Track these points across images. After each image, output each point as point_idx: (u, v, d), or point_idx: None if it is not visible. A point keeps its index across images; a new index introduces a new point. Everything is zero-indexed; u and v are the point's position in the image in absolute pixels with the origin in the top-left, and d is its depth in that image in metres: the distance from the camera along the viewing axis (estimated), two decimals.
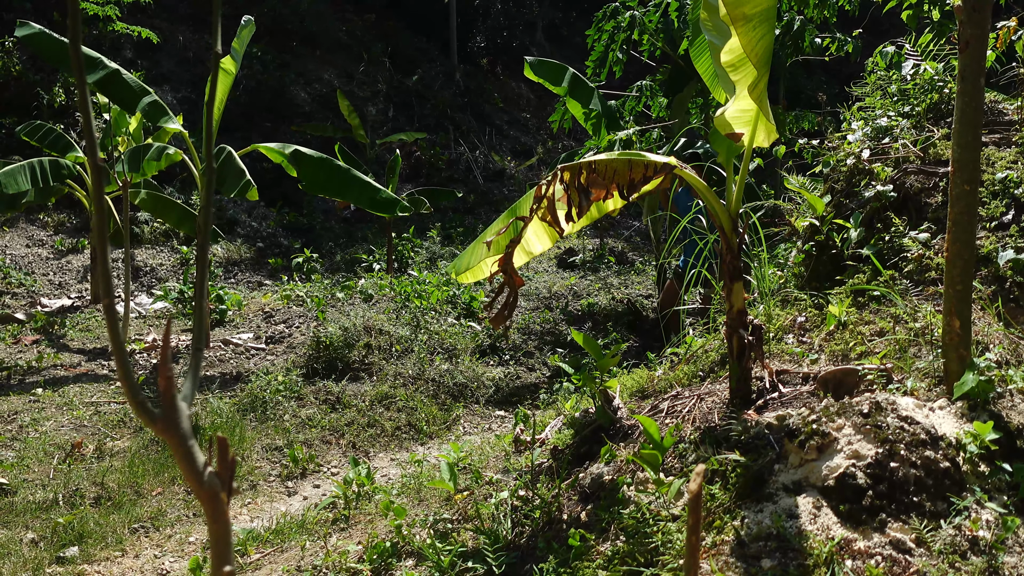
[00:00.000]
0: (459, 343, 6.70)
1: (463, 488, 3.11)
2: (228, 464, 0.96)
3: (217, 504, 0.93)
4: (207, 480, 0.92)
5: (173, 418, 0.92)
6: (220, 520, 0.94)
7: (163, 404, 0.92)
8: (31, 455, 4.31)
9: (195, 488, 0.93)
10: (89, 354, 6.43)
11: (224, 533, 0.95)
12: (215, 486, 0.92)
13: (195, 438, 3.26)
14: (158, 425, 0.92)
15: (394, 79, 15.96)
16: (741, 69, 2.57)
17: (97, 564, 3.45)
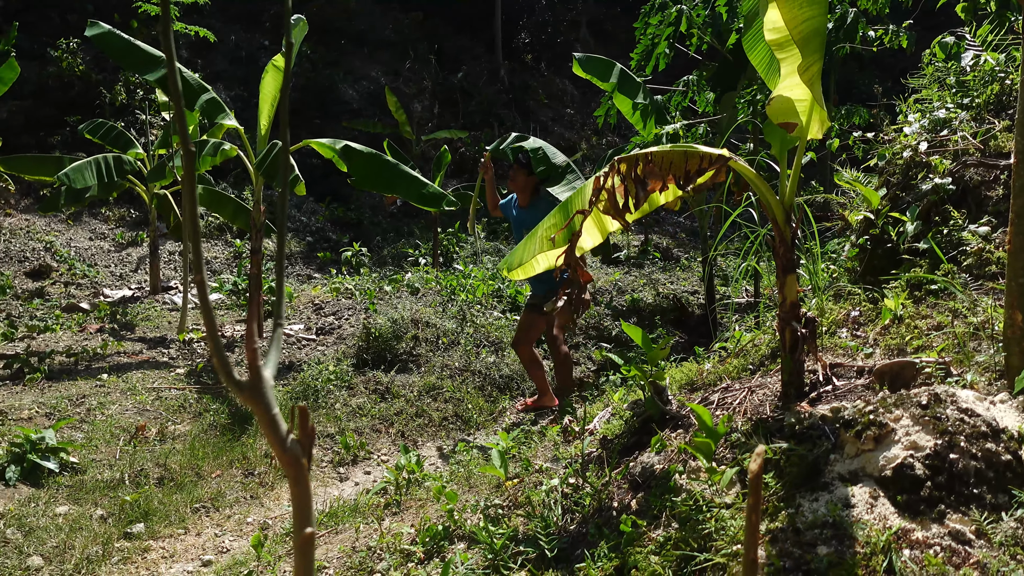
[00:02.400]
0: (505, 336, 6.75)
1: (513, 476, 3.16)
2: (308, 432, 1.02)
3: (299, 469, 0.99)
4: (290, 446, 0.98)
5: (259, 388, 0.98)
6: (301, 484, 1.00)
7: (249, 375, 0.99)
8: (99, 437, 4.50)
9: (278, 453, 0.99)
10: (149, 342, 6.66)
11: (305, 496, 1.01)
12: (297, 452, 0.98)
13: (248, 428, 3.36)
14: (245, 394, 0.98)
15: (440, 76, 16.10)
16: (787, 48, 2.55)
17: (162, 540, 3.59)
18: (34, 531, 3.48)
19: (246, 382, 0.98)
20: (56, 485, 3.94)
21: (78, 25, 11.77)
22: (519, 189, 5.42)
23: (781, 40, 2.54)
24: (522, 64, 17.94)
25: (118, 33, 6.21)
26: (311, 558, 1.03)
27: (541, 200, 5.41)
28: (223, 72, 13.15)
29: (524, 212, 5.44)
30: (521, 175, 5.43)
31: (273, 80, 6.50)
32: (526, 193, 5.42)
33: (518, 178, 5.41)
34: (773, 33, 2.51)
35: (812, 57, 2.39)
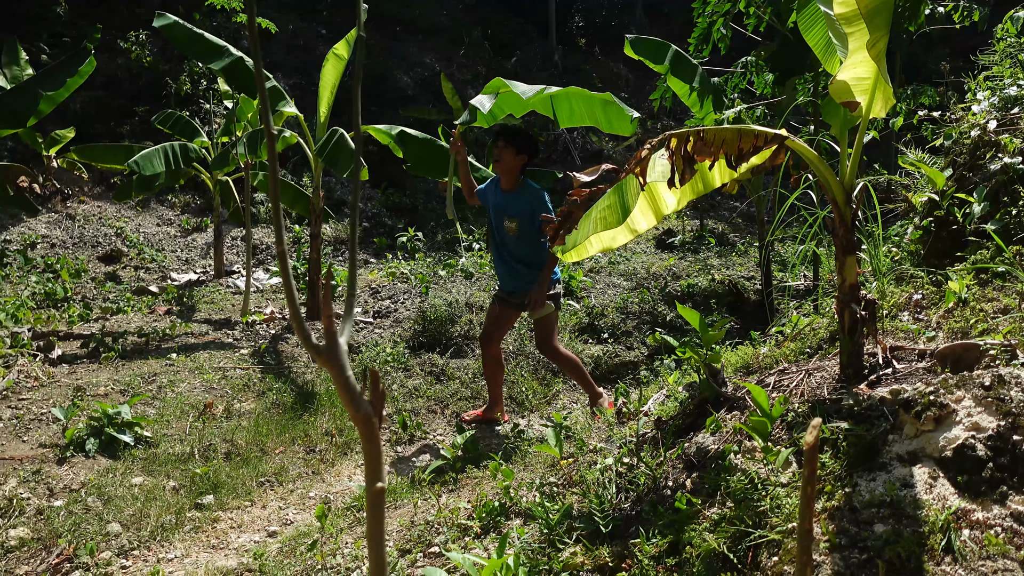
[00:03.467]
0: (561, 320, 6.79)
1: (567, 455, 3.20)
2: (379, 394, 1.08)
3: (370, 427, 1.05)
4: (362, 407, 1.04)
5: (334, 351, 1.04)
6: (373, 441, 1.06)
7: (325, 339, 1.05)
8: (169, 412, 4.71)
9: (352, 413, 1.05)
10: (214, 324, 6.91)
11: (376, 453, 1.07)
12: (368, 412, 1.05)
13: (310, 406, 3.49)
14: (322, 357, 1.05)
15: (493, 61, 16.12)
16: (854, 23, 2.51)
17: (230, 512, 3.76)
18: (112, 500, 3.68)
19: (323, 346, 1.04)
20: (131, 457, 4.15)
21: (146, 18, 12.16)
22: (504, 170, 4.59)
23: (848, 14, 2.50)
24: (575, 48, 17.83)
25: (184, 24, 6.41)
26: (382, 511, 1.09)
27: (525, 189, 4.60)
28: (282, 61, 13.43)
29: (506, 198, 4.61)
30: (508, 153, 4.54)
31: (333, 68, 6.63)
32: (512, 175, 4.59)
33: (504, 156, 4.54)
34: (841, 6, 2.47)
35: (878, 32, 2.35)
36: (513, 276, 4.70)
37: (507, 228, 4.64)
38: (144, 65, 11.84)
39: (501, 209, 4.67)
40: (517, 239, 4.64)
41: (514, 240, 4.65)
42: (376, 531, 1.10)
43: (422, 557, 2.81)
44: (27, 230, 9.37)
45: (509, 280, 4.72)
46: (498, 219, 4.70)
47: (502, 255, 4.76)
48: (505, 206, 4.65)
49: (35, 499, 3.65)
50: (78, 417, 4.37)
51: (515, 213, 4.60)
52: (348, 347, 3.83)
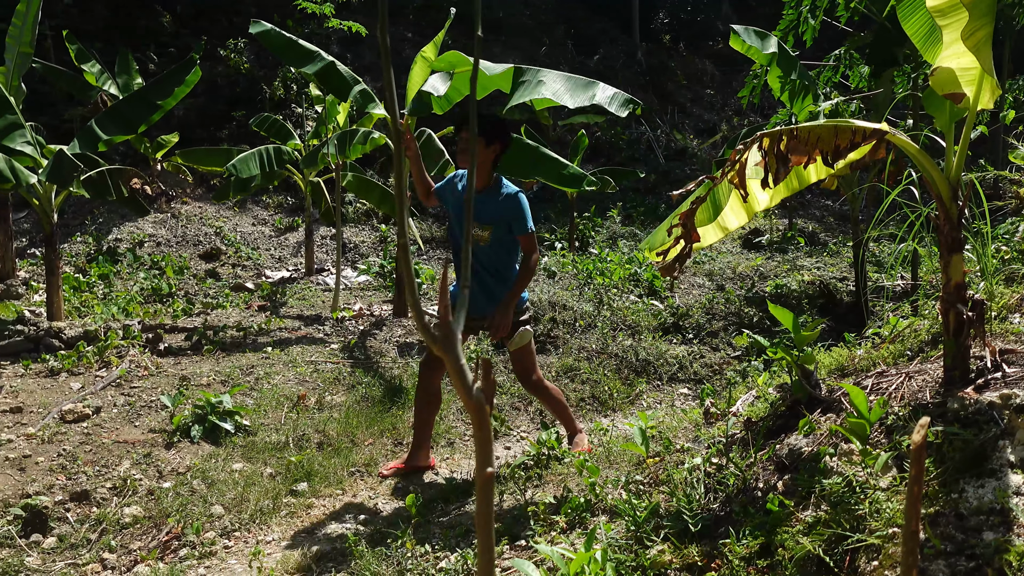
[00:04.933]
0: (642, 320, 6.74)
1: (654, 454, 3.19)
2: (491, 383, 1.12)
3: (482, 414, 1.09)
4: (475, 394, 1.08)
5: (449, 339, 1.09)
6: (484, 428, 1.10)
7: (441, 328, 1.10)
8: (265, 403, 4.93)
9: (465, 399, 1.09)
10: (306, 320, 7.17)
11: (487, 439, 1.11)
12: (480, 399, 1.08)
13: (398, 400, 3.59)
14: (437, 345, 1.09)
15: (575, 60, 16.09)
16: (953, 12, 2.40)
17: (322, 499, 3.91)
18: (215, 483, 3.89)
19: (439, 334, 1.09)
20: (232, 444, 4.36)
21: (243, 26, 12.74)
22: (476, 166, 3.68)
23: (944, 6, 2.40)
24: (660, 45, 17.60)
25: (278, 30, 6.68)
26: (491, 494, 1.13)
27: (502, 194, 3.80)
28: (370, 65, 13.79)
29: (477, 200, 3.80)
30: (480, 145, 3.71)
31: (421, 70, 6.76)
32: (482, 172, 3.81)
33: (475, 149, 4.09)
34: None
35: (981, 21, 2.24)
36: (481, 293, 3.92)
37: (476, 236, 3.84)
38: (241, 72, 12.39)
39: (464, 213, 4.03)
40: (489, 249, 3.86)
41: (485, 250, 3.86)
42: (484, 513, 1.14)
43: (508, 549, 2.86)
44: (136, 229, 9.96)
45: (479, 300, 3.92)
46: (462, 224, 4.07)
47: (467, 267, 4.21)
48: (475, 210, 3.81)
49: (146, 480, 3.89)
50: (184, 405, 4.63)
51: (488, 218, 3.80)
52: None
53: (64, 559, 3.28)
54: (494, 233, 3.83)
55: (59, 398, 4.74)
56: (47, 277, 6.31)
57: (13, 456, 3.92)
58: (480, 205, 3.80)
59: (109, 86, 10.03)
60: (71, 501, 3.62)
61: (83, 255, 9.13)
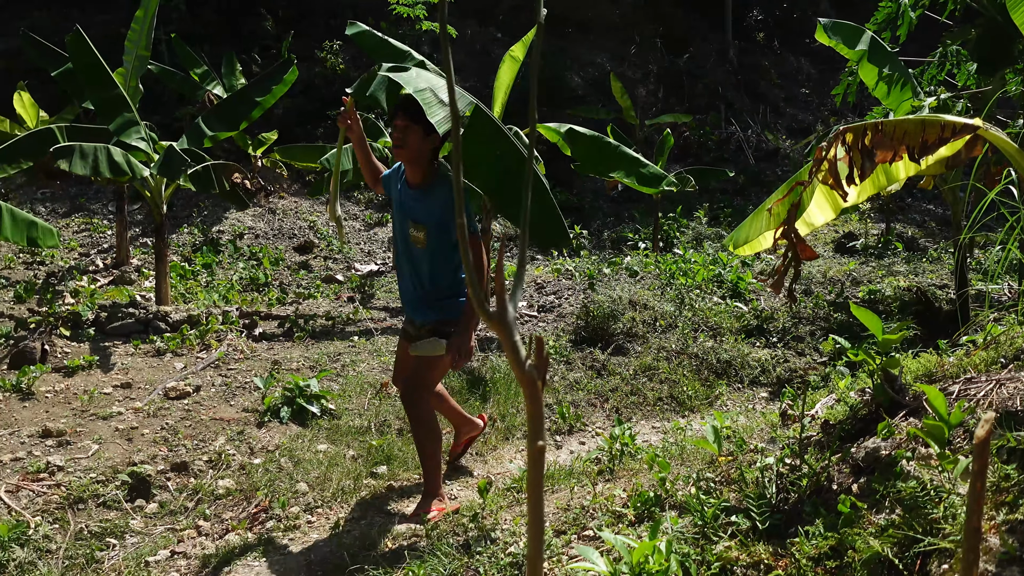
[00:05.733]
0: (724, 322, 6.64)
1: (727, 453, 3.16)
2: (543, 359, 1.17)
3: (534, 389, 1.14)
4: (528, 369, 1.14)
5: (504, 316, 1.15)
6: (536, 402, 1.16)
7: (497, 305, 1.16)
8: (350, 389, 5.13)
9: (518, 374, 1.16)
10: (391, 311, 7.40)
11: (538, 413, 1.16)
12: (533, 374, 1.14)
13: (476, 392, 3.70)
14: (493, 322, 1.16)
15: (665, 59, 15.91)
16: None
17: (400, 482, 4.05)
18: (301, 462, 4.09)
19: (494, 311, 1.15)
20: (317, 426, 4.58)
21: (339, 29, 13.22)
22: (408, 158, 3.38)
23: None
24: (753, 43, 17.17)
25: (372, 31, 6.93)
26: (541, 467, 1.18)
27: (439, 184, 3.40)
28: (460, 65, 14.06)
29: (413, 197, 3.44)
30: (414, 134, 3.34)
31: (509, 69, 6.88)
32: (419, 166, 3.40)
33: (408, 139, 3.33)
34: None
35: None
36: (421, 301, 3.55)
37: (412, 237, 3.43)
38: (337, 72, 12.86)
39: (407, 210, 3.46)
40: (425, 253, 3.43)
41: (421, 254, 3.44)
42: (535, 485, 1.20)
43: (576, 539, 2.90)
44: (237, 222, 10.51)
45: (417, 305, 3.57)
46: (402, 223, 3.50)
47: (403, 271, 3.59)
48: (410, 207, 3.44)
49: (239, 456, 4.13)
50: (275, 387, 4.88)
51: (423, 217, 3.38)
52: None
53: (164, 524, 3.53)
54: (429, 236, 3.38)
55: (164, 376, 5.08)
56: (157, 264, 6.75)
57: (122, 427, 4.24)
58: (415, 202, 3.42)
59: (215, 86, 10.61)
60: (171, 471, 3.89)
61: (189, 245, 9.70)
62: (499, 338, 1.15)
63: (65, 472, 3.72)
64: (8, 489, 3.52)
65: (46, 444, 4.00)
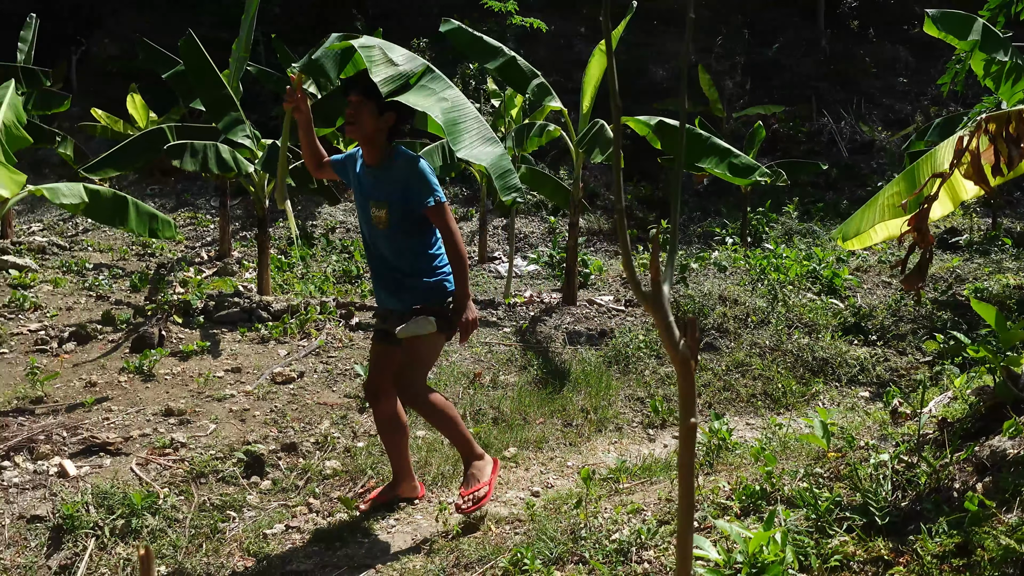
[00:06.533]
0: (819, 319, 6.47)
1: (835, 448, 3.11)
2: (695, 339, 1.20)
3: (687, 368, 1.18)
4: (681, 348, 1.17)
5: (658, 297, 1.19)
6: (688, 381, 1.19)
7: (651, 287, 1.20)
8: (444, 378, 5.26)
9: (671, 353, 1.19)
10: (480, 304, 7.52)
11: (690, 392, 1.20)
12: (686, 354, 1.17)
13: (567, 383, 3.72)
14: (648, 303, 1.19)
15: (753, 50, 15.53)
16: None
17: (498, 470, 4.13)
18: None
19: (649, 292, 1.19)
20: (415, 414, 4.70)
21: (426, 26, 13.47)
22: (362, 137, 3.23)
23: None
24: (846, 31, 16.55)
25: (465, 28, 7.05)
26: (693, 444, 1.22)
27: (397, 164, 3.25)
28: (543, 60, 14.08)
29: (370, 176, 3.30)
30: (366, 113, 3.22)
31: (598, 63, 6.88)
32: (374, 145, 3.25)
33: (361, 117, 3.21)
34: None
35: None
36: (395, 285, 3.35)
37: (374, 218, 3.28)
38: None
39: (365, 191, 3.33)
40: (388, 235, 3.28)
41: (384, 236, 3.30)
42: (687, 462, 1.23)
43: None
44: (329, 217, 10.86)
45: (392, 291, 3.36)
46: (363, 205, 3.35)
47: (372, 257, 3.42)
48: (369, 187, 3.30)
49: (343, 438, 4.30)
50: None
51: (382, 196, 3.25)
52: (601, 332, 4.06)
53: (277, 500, 3.72)
54: (391, 215, 3.24)
55: (269, 362, 5.33)
56: (259, 256, 7.07)
57: (236, 408, 4.48)
58: (373, 181, 3.29)
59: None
60: (282, 451, 4.09)
61: (285, 238, 10.09)
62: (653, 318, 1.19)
63: (187, 448, 3.97)
64: (139, 462, 3.78)
65: (169, 422, 4.27)
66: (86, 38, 14.79)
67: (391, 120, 3.28)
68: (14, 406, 4.44)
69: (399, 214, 3.24)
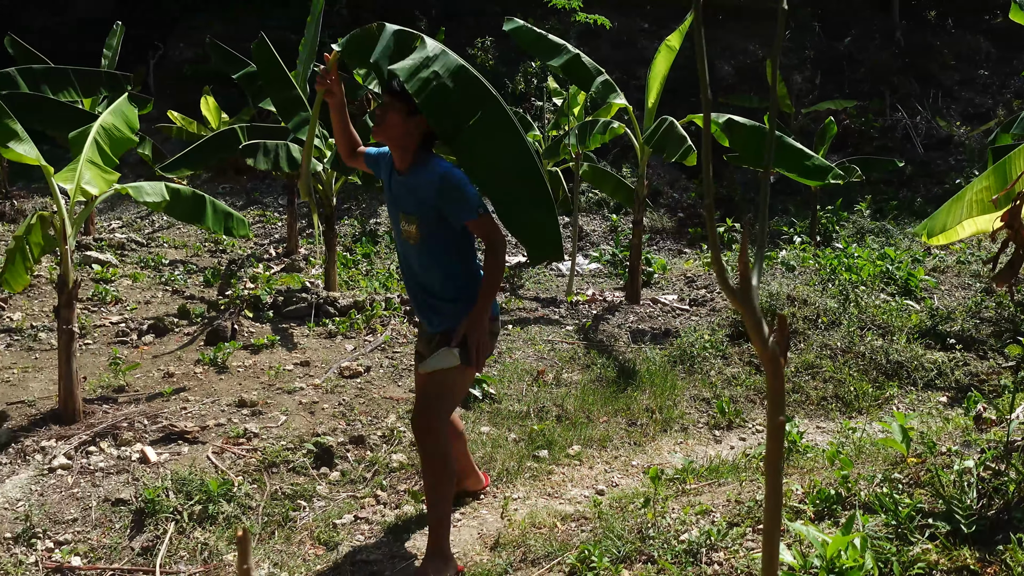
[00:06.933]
0: (894, 321, 6.25)
1: (915, 454, 3.00)
2: (785, 337, 1.18)
3: (776, 365, 1.15)
4: (770, 345, 1.15)
5: (748, 294, 1.16)
6: (778, 377, 1.16)
7: (740, 284, 1.18)
8: (508, 375, 5.28)
9: (760, 351, 1.17)
10: (542, 302, 7.52)
11: (780, 389, 1.17)
12: (776, 351, 1.15)
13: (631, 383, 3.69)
14: (737, 299, 1.17)
15: (823, 44, 15.09)
16: None
17: (561, 467, 4.13)
18: (469, 442, 4.25)
19: (738, 290, 1.17)
20: (479, 409, 4.74)
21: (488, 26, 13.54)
22: (392, 140, 2.91)
23: None
24: (922, 22, 15.94)
25: (530, 27, 7.05)
26: (781, 443, 1.19)
27: (428, 175, 2.88)
28: (606, 57, 13.99)
29: (401, 185, 2.97)
30: (396, 114, 2.87)
31: (664, 59, 6.80)
32: (404, 150, 2.92)
33: (388, 117, 2.87)
34: None
35: None
36: (420, 304, 3.06)
37: (404, 232, 2.98)
38: (487, 68, 13.17)
39: (394, 201, 3.02)
40: (419, 250, 2.95)
41: (416, 252, 2.97)
42: (775, 459, 1.21)
43: (751, 532, 2.85)
44: None
45: (424, 312, 3.06)
46: (394, 215, 3.04)
47: (404, 272, 3.12)
48: (400, 196, 2.97)
49: (408, 433, 4.36)
50: None
51: (412, 209, 2.92)
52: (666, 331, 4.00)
53: (346, 491, 3.80)
54: (422, 229, 2.90)
55: (336, 356, 5.44)
56: (327, 253, 7.22)
57: (305, 401, 4.59)
58: (402, 189, 2.95)
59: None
60: (350, 444, 4.17)
61: (349, 236, 10.29)
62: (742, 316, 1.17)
63: (259, 438, 4.08)
64: (214, 451, 3.91)
65: (242, 413, 4.40)
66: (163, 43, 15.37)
67: (423, 124, 2.87)
68: (99, 394, 4.64)
69: (429, 229, 2.90)
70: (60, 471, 3.65)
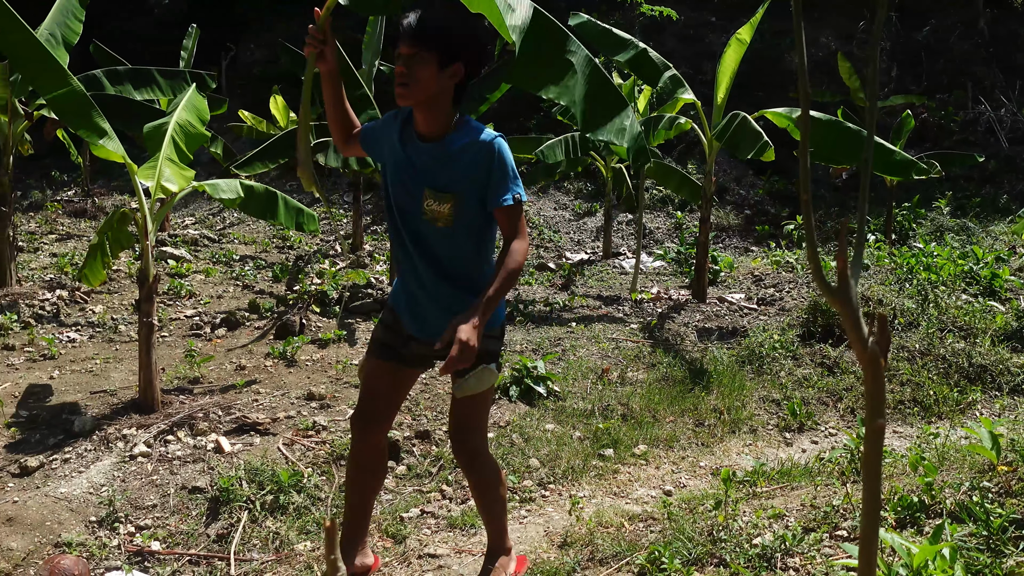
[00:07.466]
0: (977, 323, 5.96)
1: (1005, 461, 2.85)
2: (886, 336, 1.12)
3: (876, 366, 1.09)
4: (870, 346, 1.09)
5: (846, 291, 1.11)
6: (877, 380, 1.10)
7: (838, 281, 1.12)
8: (572, 374, 5.24)
9: (858, 351, 1.11)
10: (605, 300, 7.46)
11: (879, 391, 1.11)
12: (875, 352, 1.09)
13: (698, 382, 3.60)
14: (835, 297, 1.12)
15: (900, 34, 14.53)
16: None
17: (626, 466, 4.08)
18: (531, 440, 4.24)
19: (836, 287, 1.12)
20: (544, 407, 4.72)
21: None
22: (420, 100, 2.33)
23: None
24: (1009, 9, 15.18)
25: (595, 21, 6.99)
26: (880, 446, 1.13)
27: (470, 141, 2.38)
28: (672, 51, 13.76)
29: (428, 154, 2.41)
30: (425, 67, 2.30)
31: (734, 53, 6.66)
32: (437, 111, 2.37)
33: (417, 71, 2.29)
34: None
35: None
36: (434, 305, 2.49)
37: (429, 212, 2.41)
38: None
39: (416, 175, 2.42)
40: (449, 236, 2.44)
41: (443, 238, 2.44)
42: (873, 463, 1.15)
43: (827, 538, 2.76)
44: None
45: (428, 311, 2.51)
46: (408, 192, 2.44)
47: (413, 263, 2.49)
48: (426, 169, 2.41)
49: None
50: (503, 368, 5.10)
51: (446, 184, 2.38)
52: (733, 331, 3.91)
53: (412, 485, 3.83)
54: (457, 207, 2.38)
55: None
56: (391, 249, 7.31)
57: None
58: (430, 160, 2.40)
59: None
60: (416, 438, 4.21)
61: None
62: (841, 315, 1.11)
63: (328, 431, 4.15)
64: (285, 442, 3.99)
65: (311, 405, 4.48)
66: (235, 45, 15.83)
67: (459, 73, 2.34)
68: (175, 385, 4.80)
69: (469, 210, 2.40)
70: (140, 458, 3.78)
